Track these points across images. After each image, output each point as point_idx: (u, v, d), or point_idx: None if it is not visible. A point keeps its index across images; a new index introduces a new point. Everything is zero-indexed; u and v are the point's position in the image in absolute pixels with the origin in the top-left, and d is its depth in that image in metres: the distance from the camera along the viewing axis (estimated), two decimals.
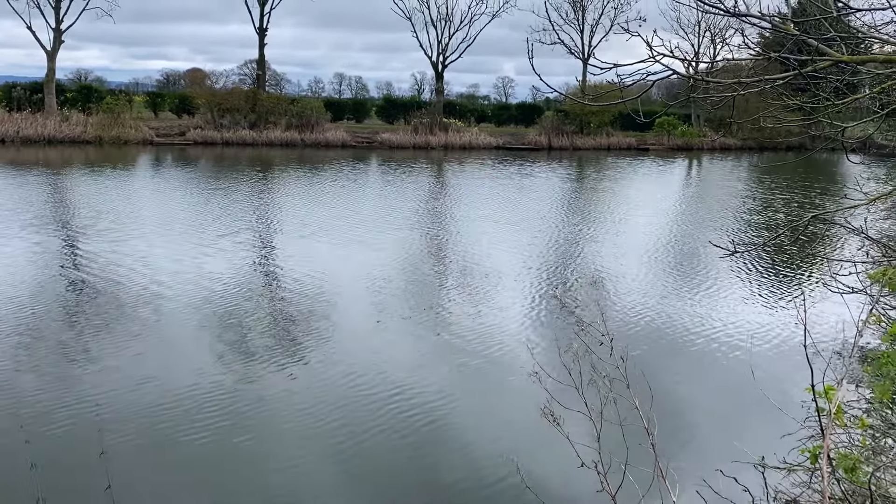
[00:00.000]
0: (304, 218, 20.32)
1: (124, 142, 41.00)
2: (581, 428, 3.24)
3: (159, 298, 11.74)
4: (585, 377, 3.28)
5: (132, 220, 18.79)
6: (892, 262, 7.80)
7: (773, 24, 5.57)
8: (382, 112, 54.93)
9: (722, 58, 22.64)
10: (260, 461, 6.72)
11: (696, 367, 9.60)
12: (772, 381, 8.43)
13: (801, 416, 5.53)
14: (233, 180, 28.37)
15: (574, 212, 24.03)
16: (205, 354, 9.44)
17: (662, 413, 7.73)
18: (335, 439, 7.22)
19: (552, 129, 50.44)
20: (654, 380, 8.78)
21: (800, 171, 38.25)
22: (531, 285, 13.47)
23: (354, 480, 6.47)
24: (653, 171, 39.75)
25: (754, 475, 3.96)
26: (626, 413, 3.30)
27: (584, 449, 2.98)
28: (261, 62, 50.75)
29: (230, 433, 7.27)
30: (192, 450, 6.96)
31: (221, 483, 6.45)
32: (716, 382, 9.13)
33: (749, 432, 6.82)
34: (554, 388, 3.15)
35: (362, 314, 11.45)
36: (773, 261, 15.92)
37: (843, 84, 7.11)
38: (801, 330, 9.44)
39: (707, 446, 7.00)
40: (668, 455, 3.38)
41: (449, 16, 50.77)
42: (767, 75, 6.44)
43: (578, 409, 2.94)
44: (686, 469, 5.50)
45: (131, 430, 7.20)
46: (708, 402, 8.46)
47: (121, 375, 8.57)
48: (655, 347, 10.23)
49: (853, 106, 12.99)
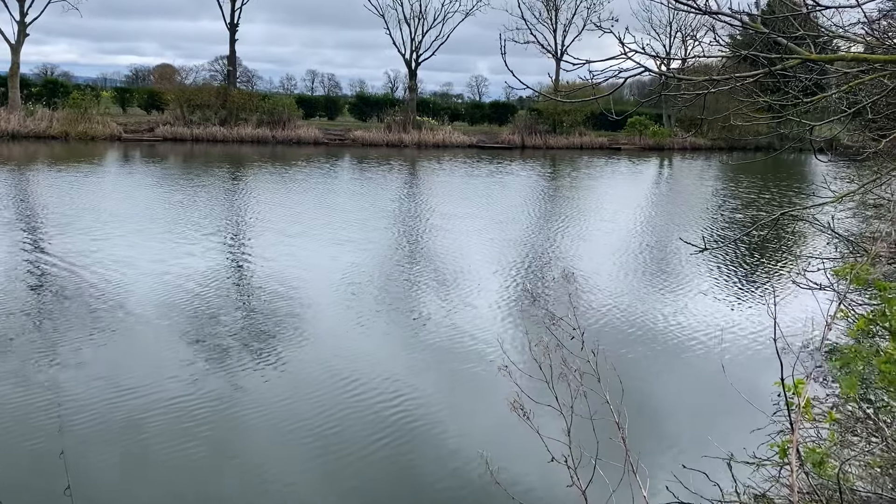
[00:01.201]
0: (274, 216, 20.10)
1: (91, 137, 40.24)
2: (553, 422, 3.21)
3: (128, 298, 11.50)
4: (557, 371, 3.25)
5: (101, 218, 18.42)
6: (858, 258, 7.91)
7: (743, 22, 5.60)
8: (355, 110, 54.64)
9: (693, 56, 22.83)
10: (223, 458, 6.60)
11: (667, 361, 9.65)
12: (742, 377, 8.50)
13: (770, 411, 5.56)
14: (204, 178, 27.98)
15: (547, 210, 24.11)
16: (170, 354, 9.26)
17: (634, 407, 7.75)
18: (302, 437, 7.12)
19: (525, 128, 50.58)
20: (625, 374, 8.81)
21: (769, 170, 38.82)
22: (503, 281, 13.46)
23: (325, 479, 6.38)
24: (625, 170, 40.06)
25: (725, 470, 3.96)
26: (597, 407, 3.27)
27: (556, 444, 2.93)
28: (231, 58, 50.19)
29: (201, 435, 7.13)
30: (159, 451, 6.82)
31: (191, 484, 6.32)
32: (687, 377, 9.20)
33: (720, 427, 6.86)
34: (525, 383, 3.11)
35: (335, 312, 11.34)
36: (744, 257, 16.10)
37: (811, 83, 7.18)
38: (770, 325, 9.53)
39: (678, 441, 7.03)
40: (638, 450, 3.35)
41: (422, 13, 50.66)
42: (738, 73, 6.47)
43: (550, 403, 2.90)
44: (657, 464, 5.51)
45: (93, 430, 7.03)
46: (679, 396, 8.50)
47: (83, 374, 8.38)
48: (627, 342, 10.27)
49: (821, 106, 13.17)
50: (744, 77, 6.42)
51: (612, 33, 5.51)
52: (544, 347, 2.92)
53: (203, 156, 36.96)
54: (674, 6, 5.30)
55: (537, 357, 2.93)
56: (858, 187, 7.65)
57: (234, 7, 48.07)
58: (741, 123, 8.82)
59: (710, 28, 6.86)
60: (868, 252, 7.28)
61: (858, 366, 5.08)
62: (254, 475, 6.38)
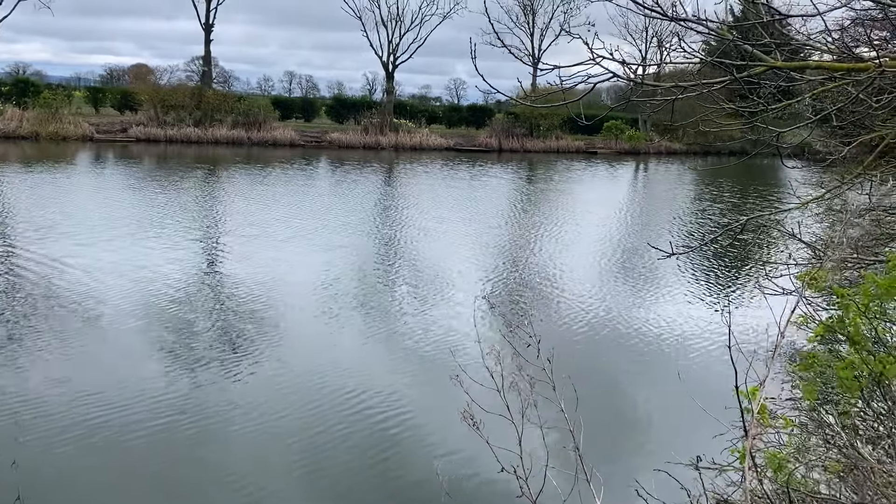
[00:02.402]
0: (248, 218, 19.92)
1: (62, 138, 39.63)
2: (507, 432, 3.17)
3: (96, 301, 11.31)
4: (511, 379, 3.21)
5: (71, 220, 18.11)
6: (821, 264, 7.99)
7: (710, 29, 5.63)
8: (332, 112, 54.39)
9: (663, 62, 22.98)
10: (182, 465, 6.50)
11: (627, 368, 9.68)
12: (704, 382, 8.54)
13: (733, 416, 5.57)
14: (177, 179, 27.66)
15: (519, 216, 24.15)
16: (141, 359, 9.12)
17: (591, 415, 7.74)
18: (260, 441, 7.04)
19: (502, 131, 50.70)
20: (584, 381, 8.80)
21: (744, 175, 39.25)
22: (467, 288, 13.40)
23: (291, 485, 6.30)
24: (600, 174, 40.28)
25: (683, 476, 3.95)
26: (552, 415, 3.24)
27: (507, 454, 2.90)
28: (206, 59, 49.73)
29: (169, 436, 7.01)
30: (125, 454, 6.69)
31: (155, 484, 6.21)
32: (647, 384, 9.21)
33: (680, 433, 6.88)
34: (477, 392, 3.07)
35: (296, 318, 11.24)
36: (710, 263, 16.22)
37: (779, 90, 7.25)
38: (735, 330, 9.58)
39: (636, 448, 7.04)
40: (594, 458, 3.32)
41: (399, 16, 50.60)
42: (705, 79, 6.51)
43: (502, 413, 2.87)
44: (613, 472, 5.49)
45: (52, 434, 6.88)
46: (637, 403, 8.51)
47: (42, 378, 8.21)
48: (586, 349, 10.27)
49: (790, 112, 13.26)
50: (710, 83, 6.47)
51: (581, 38, 5.52)
52: (496, 356, 2.89)
53: (177, 157, 36.56)
54: (641, 12, 5.32)
55: (489, 366, 2.89)
56: (822, 193, 7.73)
57: (209, 7, 47.67)
58: (709, 129, 8.87)
59: (676, 34, 6.90)
60: (828, 257, 7.36)
61: (818, 371, 5.12)
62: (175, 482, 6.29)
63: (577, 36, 5.47)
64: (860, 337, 4.97)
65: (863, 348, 4.95)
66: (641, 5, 5.07)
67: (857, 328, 5.00)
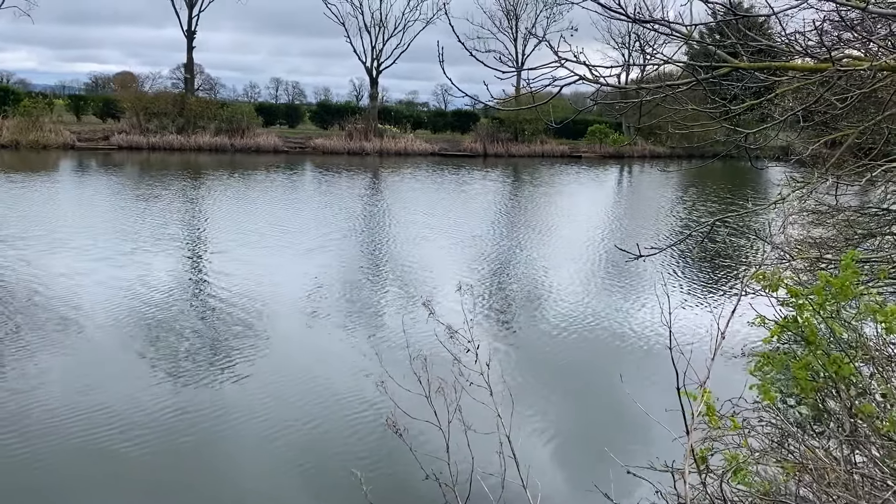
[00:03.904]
0: (228, 226, 19.83)
1: (43, 146, 39.30)
2: (439, 440, 3.12)
3: (76, 311, 11.15)
4: (446, 385, 3.17)
5: (53, 228, 17.93)
6: (787, 264, 8.00)
7: (672, 30, 5.62)
8: (317, 117, 54.29)
9: (627, 63, 22.97)
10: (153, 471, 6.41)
11: (578, 372, 9.61)
12: (649, 383, 8.47)
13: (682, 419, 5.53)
14: (160, 187, 27.48)
15: (498, 221, 24.14)
16: (127, 367, 9.01)
17: (535, 420, 7.71)
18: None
19: (487, 136, 50.76)
20: (534, 384, 8.76)
21: (726, 177, 39.44)
22: (413, 294, 13.09)
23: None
24: (584, 179, 40.36)
25: (627, 480, 3.91)
26: (490, 421, 3.19)
27: (435, 461, 2.85)
28: (189, 66, 49.53)
29: (148, 445, 6.92)
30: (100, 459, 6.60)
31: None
32: (594, 387, 9.12)
33: (632, 437, 6.83)
34: (408, 398, 3.02)
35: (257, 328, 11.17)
36: (680, 265, 16.14)
37: (752, 92, 7.25)
38: (691, 333, 9.59)
39: (583, 453, 6.99)
40: (531, 464, 3.28)
41: (383, 22, 50.61)
42: (669, 82, 6.49)
43: (428, 419, 2.82)
44: (557, 478, 5.46)
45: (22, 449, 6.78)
46: (582, 408, 8.41)
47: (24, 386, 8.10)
48: (529, 353, 10.18)
49: (762, 113, 13.30)
50: (675, 84, 6.45)
51: (547, 43, 5.49)
52: (423, 362, 2.84)
53: (159, 164, 36.34)
54: (604, 13, 5.30)
55: (417, 371, 2.85)
56: (787, 194, 7.74)
57: (191, 14, 47.49)
58: (678, 132, 8.87)
59: (636, 35, 6.85)
60: (791, 258, 7.38)
61: (773, 372, 5.11)
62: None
63: (544, 40, 5.45)
64: (815, 337, 4.96)
65: (818, 348, 4.94)
66: (604, 6, 5.06)
67: (812, 328, 4.99)
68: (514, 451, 3.08)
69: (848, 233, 10.03)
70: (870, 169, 6.92)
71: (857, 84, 7.10)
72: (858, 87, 6.98)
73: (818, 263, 8.84)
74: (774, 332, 5.07)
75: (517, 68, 54.76)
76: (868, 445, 4.24)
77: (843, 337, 5.08)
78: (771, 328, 5.14)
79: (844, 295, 4.96)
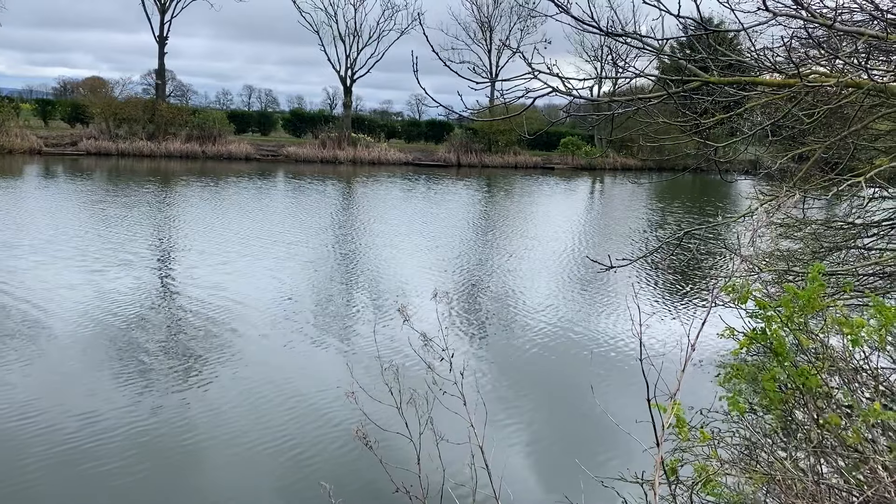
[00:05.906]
0: (195, 235, 19.57)
1: (8, 151, 38.58)
2: (412, 451, 3.09)
3: (41, 324, 10.88)
4: (418, 396, 3.13)
5: (16, 235, 17.55)
6: (756, 276, 8.11)
7: (645, 44, 5.68)
8: (290, 125, 54.04)
9: (600, 76, 23.30)
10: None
11: (551, 381, 9.62)
12: (621, 394, 8.52)
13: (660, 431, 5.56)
14: (126, 194, 27.07)
15: (469, 230, 24.18)
16: (90, 381, 8.81)
17: (508, 429, 7.69)
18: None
19: (461, 146, 50.93)
20: (510, 395, 8.76)
21: (696, 190, 40.01)
22: (388, 303, 13.23)
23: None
24: (556, 189, 40.64)
25: (598, 491, 3.91)
26: (462, 431, 3.17)
27: (406, 474, 2.82)
28: (160, 72, 48.99)
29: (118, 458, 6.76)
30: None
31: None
32: (567, 397, 9.14)
33: (590, 449, 6.86)
34: (379, 409, 2.99)
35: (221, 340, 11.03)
36: (648, 276, 16.30)
37: (723, 107, 7.35)
38: (661, 344, 9.66)
39: (555, 463, 6.99)
40: (503, 474, 3.25)
41: (357, 31, 50.61)
42: (640, 95, 6.55)
43: (398, 430, 2.79)
44: (528, 488, 5.45)
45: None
46: (555, 418, 8.40)
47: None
48: (505, 362, 10.19)
49: (731, 126, 13.43)
50: (646, 97, 6.51)
51: (521, 54, 5.52)
52: (394, 371, 2.82)
53: (128, 171, 35.83)
54: (577, 26, 5.34)
55: (389, 382, 2.82)
56: (756, 207, 7.84)
57: (163, 20, 47.03)
58: (648, 144, 8.96)
59: (608, 47, 6.95)
60: (760, 270, 7.47)
61: (743, 384, 5.15)
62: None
63: (518, 52, 5.47)
64: (783, 349, 5.02)
65: (786, 360, 5.00)
66: (577, 19, 5.10)
67: (780, 340, 5.05)
68: (486, 462, 3.06)
69: (815, 246, 10.19)
70: (836, 183, 7.03)
71: (823, 100, 7.24)
72: (825, 103, 7.12)
73: (786, 276, 8.97)
74: (743, 343, 5.12)
75: (491, 79, 55.11)
76: (834, 456, 4.29)
77: (811, 349, 5.14)
78: (740, 340, 5.20)
79: (811, 307, 5.02)
